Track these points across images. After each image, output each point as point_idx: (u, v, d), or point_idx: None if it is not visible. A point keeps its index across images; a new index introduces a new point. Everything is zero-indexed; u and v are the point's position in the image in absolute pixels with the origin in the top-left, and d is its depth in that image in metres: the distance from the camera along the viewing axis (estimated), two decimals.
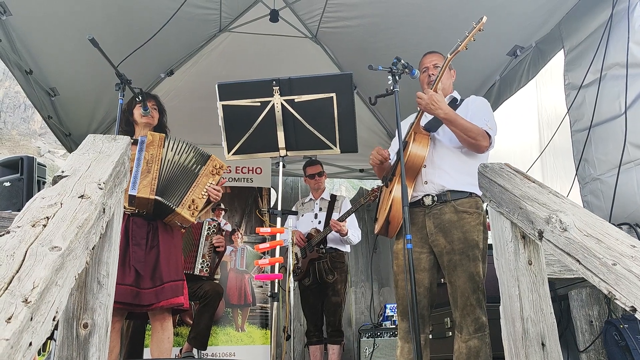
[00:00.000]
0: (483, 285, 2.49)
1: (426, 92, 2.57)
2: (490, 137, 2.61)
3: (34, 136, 23.53)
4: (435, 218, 2.60)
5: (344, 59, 4.89)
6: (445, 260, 2.54)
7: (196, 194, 2.80)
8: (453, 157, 2.67)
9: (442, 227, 2.57)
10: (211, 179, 2.87)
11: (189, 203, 2.77)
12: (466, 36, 2.52)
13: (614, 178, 2.99)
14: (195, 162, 2.88)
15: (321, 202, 4.51)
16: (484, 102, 2.80)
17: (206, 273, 3.80)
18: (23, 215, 1.22)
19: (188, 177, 2.84)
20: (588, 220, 1.52)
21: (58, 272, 1.07)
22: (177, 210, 2.71)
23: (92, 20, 3.76)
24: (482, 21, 2.46)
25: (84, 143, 1.76)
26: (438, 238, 2.57)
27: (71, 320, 1.49)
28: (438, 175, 2.64)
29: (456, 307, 2.49)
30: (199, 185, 2.83)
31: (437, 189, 2.63)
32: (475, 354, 2.39)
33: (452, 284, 2.52)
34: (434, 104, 2.52)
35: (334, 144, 2.64)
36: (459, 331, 2.48)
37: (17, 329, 0.87)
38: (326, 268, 4.24)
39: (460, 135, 2.57)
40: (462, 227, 2.53)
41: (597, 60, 3.18)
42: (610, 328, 2.76)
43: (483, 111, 2.71)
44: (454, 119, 2.54)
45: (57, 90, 4.26)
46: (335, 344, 4.25)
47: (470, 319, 2.43)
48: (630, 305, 1.24)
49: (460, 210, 2.57)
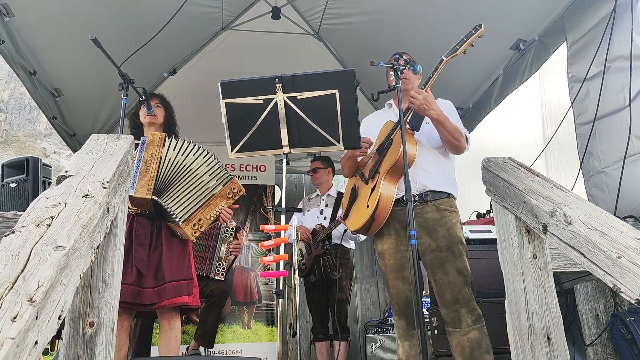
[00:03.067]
0: (471, 279, 2.52)
1: (419, 92, 2.58)
2: (467, 140, 2.69)
3: (39, 137, 23.64)
4: (418, 217, 2.60)
5: (347, 55, 4.88)
6: (430, 258, 2.55)
7: (205, 214, 2.72)
8: (432, 157, 2.72)
9: (426, 225, 2.59)
10: (224, 201, 2.78)
11: (195, 221, 2.69)
12: (464, 41, 2.56)
13: (618, 171, 2.98)
14: (216, 180, 2.78)
15: (327, 198, 4.52)
16: (452, 106, 2.84)
17: (222, 277, 3.82)
18: (27, 215, 1.23)
19: (199, 189, 2.74)
20: (592, 213, 1.51)
21: (63, 271, 1.08)
22: (181, 225, 2.65)
23: (95, 20, 3.76)
24: (480, 29, 2.52)
25: (87, 143, 1.77)
26: (421, 237, 2.57)
27: (77, 319, 1.50)
28: (420, 175, 2.66)
29: (445, 304, 2.49)
30: (211, 205, 2.74)
31: (419, 189, 2.65)
32: (477, 344, 2.40)
33: (438, 281, 2.52)
34: (428, 105, 2.55)
35: (337, 141, 2.64)
36: (455, 326, 2.47)
37: (23, 328, 0.87)
38: (331, 264, 4.24)
39: (446, 135, 2.61)
40: (445, 224, 2.57)
41: (600, 52, 3.16)
42: (616, 321, 2.75)
43: (454, 115, 2.77)
44: (444, 120, 2.59)
45: (61, 91, 4.28)
46: (341, 340, 4.26)
47: (466, 310, 2.44)
48: (636, 297, 1.23)
49: (442, 208, 2.61)
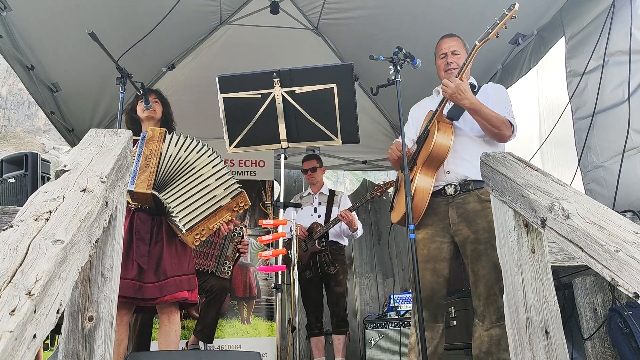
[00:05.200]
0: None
1: (452, 80, 2.52)
2: (512, 126, 2.59)
3: (38, 133, 23.59)
4: (459, 207, 2.58)
5: (345, 50, 4.87)
6: (469, 249, 2.52)
7: (209, 224, 2.69)
8: (475, 146, 2.63)
9: (466, 216, 2.55)
10: (229, 214, 2.74)
11: (198, 230, 2.66)
12: (497, 23, 2.46)
13: (617, 165, 2.98)
14: (225, 192, 2.73)
15: (320, 196, 4.58)
16: (503, 90, 2.76)
17: (227, 275, 3.81)
18: (26, 209, 1.23)
19: (204, 193, 2.69)
20: (591, 207, 1.51)
21: (61, 265, 1.08)
22: (184, 233, 2.62)
23: (93, 15, 3.75)
24: (514, 8, 2.41)
25: (86, 137, 1.77)
26: (461, 227, 2.55)
27: (76, 314, 1.50)
28: (460, 164, 2.62)
29: (478, 296, 2.49)
30: (216, 216, 2.71)
31: (460, 179, 2.61)
32: (497, 342, 2.41)
33: (476, 273, 2.50)
34: (461, 94, 2.48)
35: (336, 135, 2.64)
36: (480, 320, 2.48)
37: (21, 321, 0.87)
38: (328, 260, 4.30)
39: (484, 124, 2.54)
40: (486, 216, 2.49)
41: (599, 47, 3.16)
42: (614, 315, 2.76)
43: (504, 100, 2.67)
44: (479, 109, 2.51)
45: (59, 86, 4.26)
46: (341, 334, 4.29)
47: (493, 308, 2.44)
48: (633, 291, 1.24)
49: (484, 199, 2.52)
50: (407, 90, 2.77)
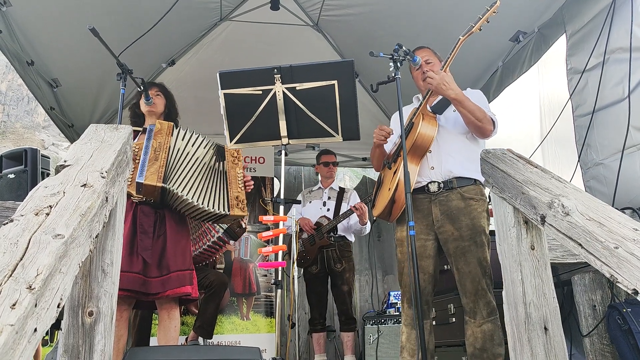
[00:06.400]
0: (490, 270, 2.51)
1: (437, 72, 2.59)
2: (494, 122, 2.63)
3: (37, 129, 23.56)
4: (442, 205, 2.60)
5: (346, 47, 4.86)
6: (452, 247, 2.55)
7: (234, 190, 2.79)
8: (458, 142, 2.68)
9: (449, 214, 2.57)
10: (237, 168, 2.84)
11: (234, 201, 2.75)
12: (479, 18, 2.55)
13: (617, 162, 2.98)
14: (216, 159, 2.84)
15: (330, 191, 4.58)
16: (481, 95, 2.83)
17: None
18: (26, 204, 1.23)
19: (216, 176, 2.81)
20: (590, 204, 1.52)
21: (61, 259, 1.08)
22: (230, 213, 2.72)
23: (93, 10, 3.74)
24: (496, 4, 2.51)
25: (86, 132, 1.77)
26: (445, 225, 2.57)
27: (76, 309, 1.50)
28: (444, 160, 2.64)
29: (466, 293, 2.50)
30: (232, 180, 2.81)
31: (444, 175, 2.63)
32: (490, 337, 2.42)
33: (460, 270, 2.52)
34: (446, 84, 2.54)
35: (336, 132, 2.64)
36: (471, 316, 2.49)
37: (22, 315, 0.88)
38: (335, 257, 4.30)
39: (468, 117, 2.58)
40: (469, 213, 2.54)
41: (600, 44, 3.16)
42: (613, 312, 2.76)
43: (483, 102, 2.74)
44: (463, 100, 2.56)
45: (59, 81, 4.26)
46: (349, 331, 4.29)
47: (482, 302, 2.45)
48: (633, 288, 1.24)
49: (467, 197, 2.58)
50: (407, 87, 2.77)
